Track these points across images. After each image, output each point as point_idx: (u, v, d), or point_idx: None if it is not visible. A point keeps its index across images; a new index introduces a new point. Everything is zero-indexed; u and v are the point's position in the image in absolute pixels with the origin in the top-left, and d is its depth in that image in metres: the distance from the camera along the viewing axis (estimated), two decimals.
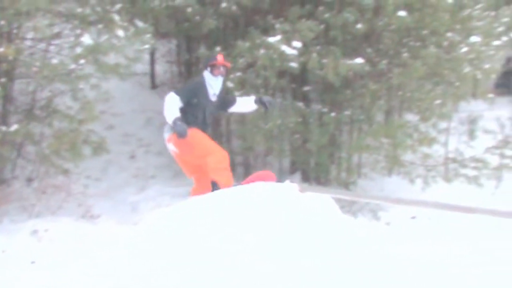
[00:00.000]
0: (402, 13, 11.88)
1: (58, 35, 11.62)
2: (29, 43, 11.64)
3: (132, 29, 11.19)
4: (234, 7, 12.44)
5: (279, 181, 6.42)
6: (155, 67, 16.65)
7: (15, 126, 10.76)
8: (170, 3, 12.57)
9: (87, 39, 11.10)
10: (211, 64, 7.07)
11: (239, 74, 11.93)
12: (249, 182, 6.54)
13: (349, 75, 12.11)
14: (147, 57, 15.25)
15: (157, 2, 12.50)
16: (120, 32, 10.93)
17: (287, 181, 6.07)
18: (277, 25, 11.96)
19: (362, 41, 12.73)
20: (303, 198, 5.70)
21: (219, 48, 12.32)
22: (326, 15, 12.08)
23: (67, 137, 11.05)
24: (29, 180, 11.97)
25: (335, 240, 5.13)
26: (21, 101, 11.77)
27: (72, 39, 11.46)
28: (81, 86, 11.16)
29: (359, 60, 11.84)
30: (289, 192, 5.74)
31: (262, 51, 11.62)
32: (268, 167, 13.06)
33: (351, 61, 11.81)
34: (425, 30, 12.45)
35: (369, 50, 12.67)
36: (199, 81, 7.11)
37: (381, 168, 13.36)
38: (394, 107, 13.88)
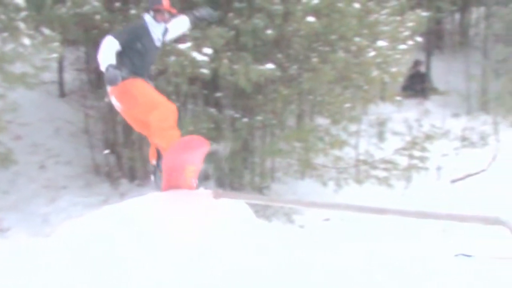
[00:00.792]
0: (310, 18, 12.04)
1: None
2: None
3: (39, 37, 10.93)
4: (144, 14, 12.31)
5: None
6: (64, 75, 16.28)
7: None
8: (78, 10, 12.29)
9: None
10: (155, 8, 6.40)
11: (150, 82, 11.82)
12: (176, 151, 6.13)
13: (261, 81, 12.17)
14: (55, 65, 14.90)
15: (64, 10, 12.21)
16: (26, 41, 10.65)
17: (201, 188, 6.08)
18: (187, 32, 11.92)
19: (272, 47, 12.81)
20: (217, 204, 5.70)
21: None
22: (236, 21, 12.12)
23: None
24: None
25: (250, 245, 5.15)
26: None
27: None
28: None
29: (270, 66, 11.94)
30: (203, 199, 5.74)
31: (173, 58, 11.55)
32: None
33: (262, 67, 11.89)
34: (333, 35, 12.64)
35: (279, 55, 12.77)
36: (141, 24, 6.42)
37: (294, 172, 13.49)
38: (305, 111, 14.03)
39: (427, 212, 6.04)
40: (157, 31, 6.41)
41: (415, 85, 19.58)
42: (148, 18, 6.40)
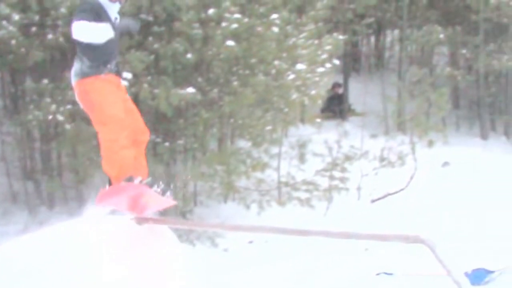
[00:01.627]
0: (230, 42, 12.13)
1: None
2: None
3: None
4: (61, 39, 12.13)
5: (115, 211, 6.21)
6: None
7: None
8: None
9: None
10: None
11: (69, 106, 11.65)
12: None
13: (181, 105, 12.16)
14: None
15: None
16: None
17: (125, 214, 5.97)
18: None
19: (192, 71, 12.85)
20: (140, 230, 5.63)
21: (46, 80, 11.97)
22: (156, 46, 12.10)
23: None
24: None
25: (173, 270, 5.11)
26: None
27: None
28: None
29: (191, 90, 11.95)
30: (125, 224, 5.65)
31: None
32: None
33: (182, 91, 11.88)
34: (253, 58, 12.78)
35: (200, 79, 12.81)
36: (95, 1, 5.34)
37: (216, 195, 13.48)
38: (226, 135, 14.09)
39: (350, 232, 6.11)
40: (112, 11, 5.39)
41: (334, 107, 19.94)
42: None
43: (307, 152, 14.60)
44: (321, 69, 13.69)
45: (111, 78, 5.45)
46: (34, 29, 12.29)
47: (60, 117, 11.42)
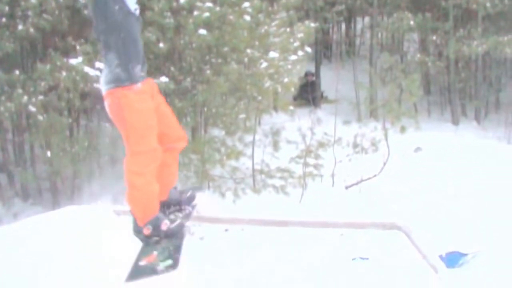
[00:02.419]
0: (202, 31, 12.10)
1: None
2: None
3: None
4: (32, 30, 12.03)
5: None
6: None
7: None
8: None
9: None
10: None
11: (41, 97, 11.57)
12: None
13: None
14: None
15: None
16: None
17: (99, 203, 5.98)
18: (78, 47, 11.74)
19: (165, 60, 12.80)
20: (118, 220, 5.64)
21: (17, 71, 11.87)
22: None
23: None
24: None
25: None
26: None
27: None
28: None
29: (164, 79, 11.90)
30: (103, 215, 5.66)
31: (64, 73, 11.34)
32: (76, 191, 12.77)
33: (155, 80, 11.82)
34: (225, 47, 12.77)
35: (172, 68, 12.77)
36: None
37: (191, 184, 13.48)
38: (200, 123, 14.07)
39: (327, 221, 6.19)
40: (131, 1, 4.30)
41: (306, 95, 20.03)
42: None
43: (281, 140, 14.66)
44: (293, 57, 13.73)
45: (146, 87, 4.51)
46: (3, 20, 12.15)
47: (32, 108, 11.33)
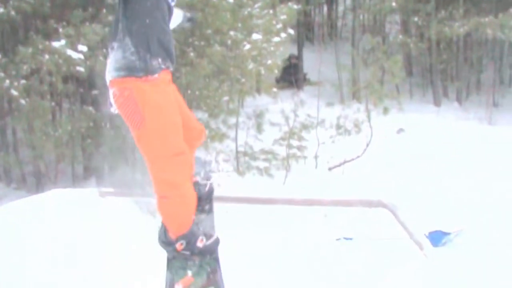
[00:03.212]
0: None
1: None
2: None
3: None
4: (13, 12, 11.93)
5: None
6: None
7: None
8: None
9: None
10: None
11: (23, 81, 11.50)
12: None
13: None
14: None
15: None
16: None
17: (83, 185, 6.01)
18: (60, 30, 11.67)
19: None
20: (103, 202, 5.68)
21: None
22: (110, 18, 11.97)
23: None
24: None
25: (137, 241, 5.16)
26: None
27: None
28: None
29: None
30: (89, 197, 5.70)
31: (47, 56, 11.28)
32: (60, 175, 12.75)
33: None
34: (209, 29, 12.74)
35: None
36: None
37: None
38: None
39: (313, 199, 6.26)
40: None
41: (289, 77, 20.06)
42: None
43: (264, 122, 14.71)
44: (276, 39, 13.73)
45: (163, 75, 3.56)
46: None
47: (14, 92, 11.28)
